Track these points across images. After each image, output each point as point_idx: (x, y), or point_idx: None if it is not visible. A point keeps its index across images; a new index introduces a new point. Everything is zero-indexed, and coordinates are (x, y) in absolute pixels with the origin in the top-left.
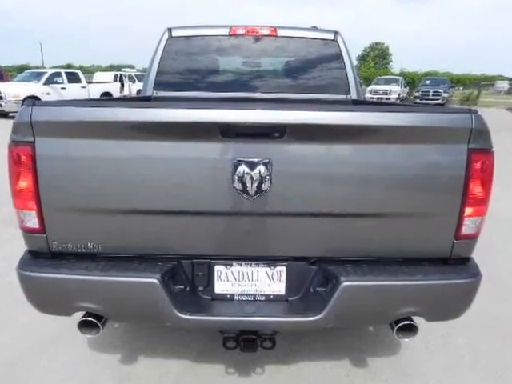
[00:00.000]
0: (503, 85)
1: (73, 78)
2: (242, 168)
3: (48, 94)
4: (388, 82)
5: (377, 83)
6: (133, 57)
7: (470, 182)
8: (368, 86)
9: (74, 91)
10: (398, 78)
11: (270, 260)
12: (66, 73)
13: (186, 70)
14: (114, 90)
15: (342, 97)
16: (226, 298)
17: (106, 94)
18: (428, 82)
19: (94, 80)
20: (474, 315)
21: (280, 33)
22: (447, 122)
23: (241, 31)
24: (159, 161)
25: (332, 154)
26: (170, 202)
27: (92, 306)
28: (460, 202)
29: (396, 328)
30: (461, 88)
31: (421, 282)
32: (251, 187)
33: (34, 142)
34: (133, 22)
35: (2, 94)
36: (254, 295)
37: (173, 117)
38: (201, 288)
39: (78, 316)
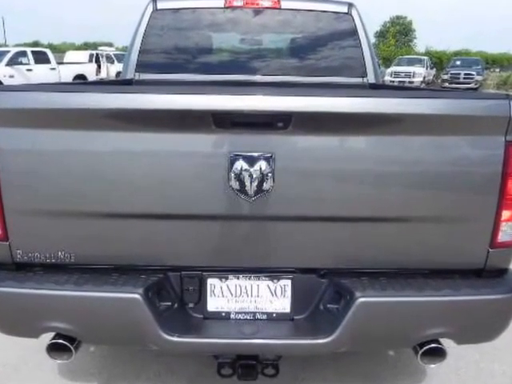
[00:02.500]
0: None
1: (40, 58)
2: (240, 164)
3: (11, 76)
4: (411, 62)
5: (398, 64)
6: (111, 33)
7: (508, 180)
8: (388, 67)
9: (41, 73)
10: (422, 58)
11: (273, 272)
12: (32, 52)
13: (174, 49)
14: (90, 72)
15: (358, 80)
16: (221, 317)
17: (80, 77)
18: (458, 62)
19: (65, 60)
20: (511, 337)
21: (284, 4)
22: (481, 109)
23: (238, 3)
24: (142, 156)
25: (345, 147)
26: (156, 203)
27: (63, 326)
28: (496, 204)
29: (421, 352)
30: (497, 70)
31: (450, 297)
32: (250, 186)
33: None
34: None
35: None
36: (254, 313)
37: (158, 103)
38: (191, 305)
39: (47, 338)
